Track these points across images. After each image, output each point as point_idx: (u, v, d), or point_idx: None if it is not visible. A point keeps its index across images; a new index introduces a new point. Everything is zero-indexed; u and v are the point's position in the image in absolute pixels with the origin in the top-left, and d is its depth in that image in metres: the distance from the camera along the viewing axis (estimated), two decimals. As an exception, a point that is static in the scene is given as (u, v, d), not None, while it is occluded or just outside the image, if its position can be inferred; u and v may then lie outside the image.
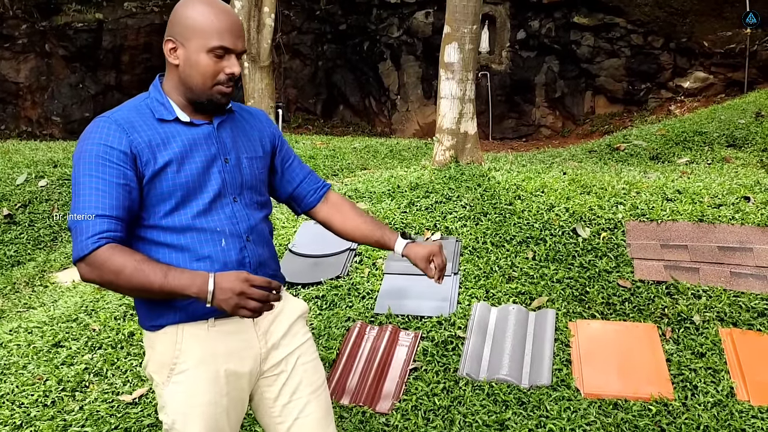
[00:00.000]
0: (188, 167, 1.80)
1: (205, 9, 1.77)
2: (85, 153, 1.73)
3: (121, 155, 1.72)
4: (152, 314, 1.83)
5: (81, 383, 3.21)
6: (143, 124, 1.78)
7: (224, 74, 1.80)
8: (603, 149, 6.26)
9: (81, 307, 3.88)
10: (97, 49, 12.39)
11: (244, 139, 1.96)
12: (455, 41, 5.05)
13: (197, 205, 1.81)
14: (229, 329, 1.86)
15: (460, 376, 3.07)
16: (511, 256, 3.81)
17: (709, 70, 11.77)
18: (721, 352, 3.06)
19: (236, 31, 1.80)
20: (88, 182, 1.70)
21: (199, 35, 1.76)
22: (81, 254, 1.67)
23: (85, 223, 1.68)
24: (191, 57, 1.78)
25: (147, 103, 1.83)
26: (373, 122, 14.23)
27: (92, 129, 1.76)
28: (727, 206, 4.01)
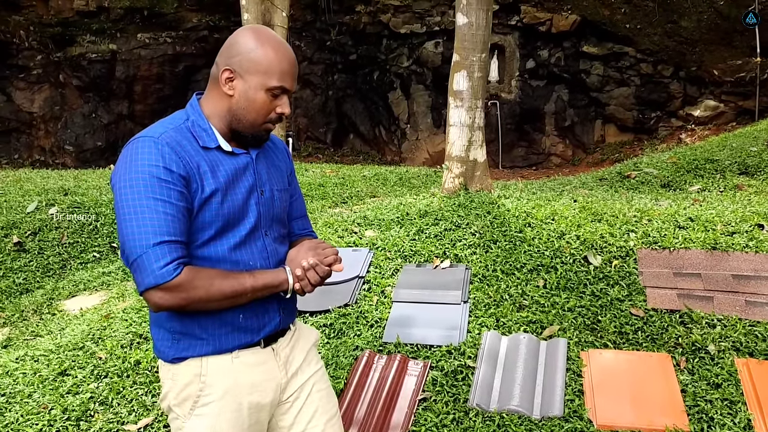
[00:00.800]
0: (232, 198, 1.77)
1: (270, 47, 1.75)
2: (141, 175, 1.63)
3: (180, 179, 1.67)
4: (177, 346, 1.79)
5: (86, 412, 3.17)
6: (190, 148, 1.72)
7: (275, 113, 1.80)
8: (613, 177, 6.23)
9: (88, 335, 3.85)
10: (110, 79, 12.55)
11: (275, 171, 1.95)
12: (464, 69, 5.06)
13: (234, 236, 1.79)
14: (252, 360, 1.85)
15: (470, 406, 3.01)
16: (521, 284, 3.77)
17: (719, 98, 11.75)
18: (737, 382, 2.99)
19: (295, 72, 1.81)
20: (153, 206, 1.62)
21: (262, 73, 1.74)
22: (160, 282, 1.61)
23: (158, 249, 1.61)
24: (249, 92, 1.76)
25: (188, 126, 1.76)
26: (383, 151, 14.27)
27: (141, 149, 1.66)
28: (740, 234, 3.96)
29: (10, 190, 6.55)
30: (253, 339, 1.84)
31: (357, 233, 4.57)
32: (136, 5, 12.52)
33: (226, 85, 1.76)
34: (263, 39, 1.76)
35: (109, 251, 5.54)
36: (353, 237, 4.50)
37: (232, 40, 1.78)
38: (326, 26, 13.73)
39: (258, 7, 9.60)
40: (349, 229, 4.63)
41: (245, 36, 1.77)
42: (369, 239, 4.44)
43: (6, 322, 4.55)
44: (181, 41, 12.94)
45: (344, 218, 4.90)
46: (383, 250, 4.27)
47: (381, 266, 4.13)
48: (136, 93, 12.96)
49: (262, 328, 1.86)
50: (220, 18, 13.11)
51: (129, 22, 12.64)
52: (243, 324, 1.81)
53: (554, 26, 12.34)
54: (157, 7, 12.66)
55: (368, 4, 13.23)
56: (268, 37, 1.77)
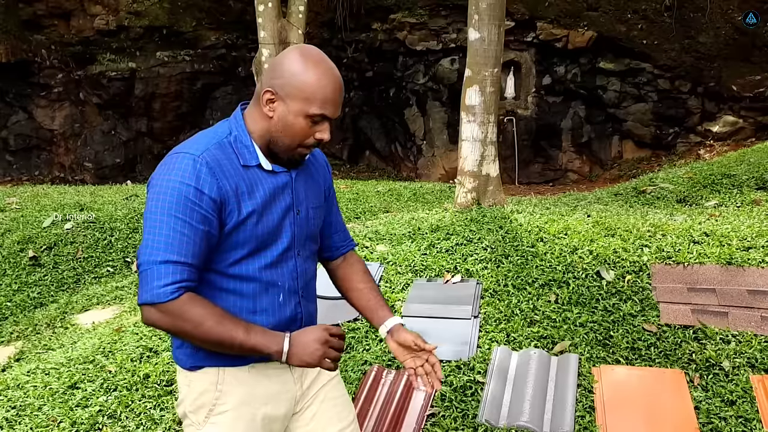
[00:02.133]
0: (267, 218, 1.75)
1: (316, 71, 1.68)
2: (171, 190, 1.63)
3: (210, 202, 1.64)
4: (196, 355, 1.79)
5: (94, 425, 3.17)
6: (230, 167, 1.70)
7: (314, 139, 1.74)
8: (629, 192, 6.18)
9: (98, 348, 3.87)
10: (129, 96, 12.72)
11: (312, 188, 1.92)
12: (476, 84, 5.06)
13: (266, 257, 1.77)
14: (268, 372, 1.84)
15: (479, 422, 2.97)
16: (532, 299, 3.73)
17: (738, 114, 11.65)
18: (752, 399, 2.93)
19: (339, 99, 1.73)
20: (172, 223, 1.61)
21: (304, 99, 1.68)
22: (155, 301, 1.60)
23: (164, 267, 1.60)
24: (288, 117, 1.70)
25: (230, 141, 1.73)
26: (399, 167, 14.29)
27: (179, 165, 1.65)
28: (756, 249, 3.90)
29: (27, 205, 6.63)
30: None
31: (368, 248, 4.56)
32: (155, 24, 12.70)
33: (267, 106, 1.72)
34: (310, 63, 1.69)
35: (123, 266, 5.58)
36: (364, 251, 4.50)
37: (279, 59, 1.73)
38: (343, 44, 13.82)
39: (274, 25, 9.69)
40: (360, 244, 4.62)
41: (292, 57, 1.71)
42: (380, 254, 4.43)
43: (19, 336, 4.58)
44: (200, 59, 13.08)
45: (356, 233, 4.89)
46: (394, 265, 4.26)
47: (392, 281, 4.11)
48: (155, 110, 13.10)
49: None
50: (237, 36, 13.25)
51: (148, 40, 12.82)
52: None
53: (570, 42, 12.33)
54: (175, 26, 12.84)
55: (384, 22, 13.31)
56: (315, 60, 1.70)
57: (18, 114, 12.55)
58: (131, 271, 5.51)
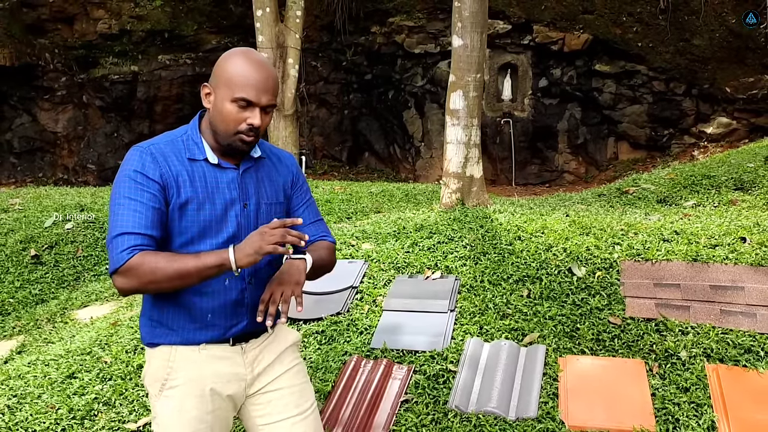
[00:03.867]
0: (209, 207, 1.95)
1: (238, 62, 1.92)
2: (123, 178, 1.89)
3: (154, 184, 1.88)
4: (153, 332, 2.01)
5: (90, 412, 3.37)
6: (174, 159, 1.94)
7: (245, 124, 1.93)
8: (612, 193, 6.35)
9: (96, 341, 4.07)
10: (131, 99, 12.93)
11: (268, 185, 2.10)
12: (460, 89, 5.25)
13: (211, 244, 1.95)
14: (220, 354, 2.03)
15: (450, 408, 3.16)
16: (506, 294, 3.92)
17: (732, 115, 11.78)
18: (705, 387, 3.11)
19: (263, 85, 1.92)
20: (125, 203, 1.86)
21: (227, 85, 1.91)
22: (116, 266, 1.82)
23: (120, 238, 1.83)
24: (218, 104, 1.93)
25: (183, 139, 1.99)
26: (397, 169, 14.47)
27: (130, 157, 1.92)
28: (722, 246, 4.08)
29: (30, 206, 6.85)
30: (221, 336, 2.03)
31: (354, 246, 4.75)
32: (156, 28, 12.92)
33: (206, 99, 1.98)
34: (234, 55, 1.95)
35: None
36: (350, 250, 4.69)
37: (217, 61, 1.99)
38: (342, 47, 14.02)
39: (272, 30, 9.90)
40: (347, 243, 4.81)
41: (224, 56, 1.97)
42: (365, 252, 4.62)
43: (21, 330, 4.79)
44: (201, 62, 13.30)
45: (344, 232, 5.09)
46: (378, 262, 4.45)
47: (375, 277, 4.31)
48: (157, 113, 13.32)
49: (230, 328, 2.04)
50: (238, 40, 13.45)
51: (150, 44, 13.04)
52: (211, 322, 2.00)
53: (566, 45, 12.49)
54: (177, 30, 13.05)
55: (383, 25, 13.50)
56: (240, 52, 1.95)
57: (22, 117, 12.79)
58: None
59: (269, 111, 1.97)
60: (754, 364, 3.20)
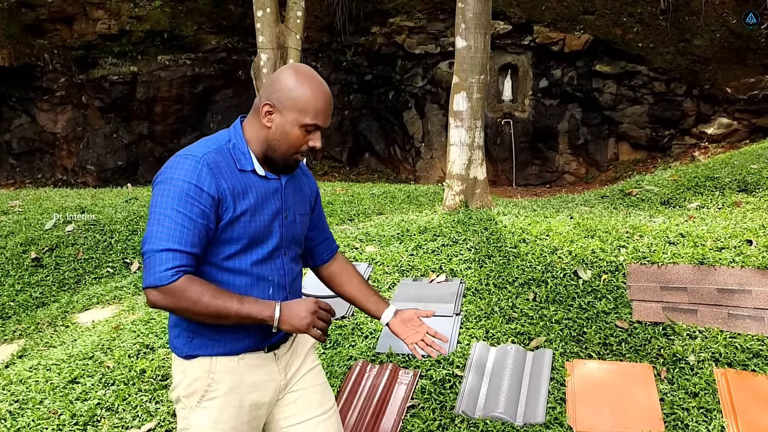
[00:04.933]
0: (259, 218, 1.96)
1: (307, 86, 1.92)
2: (174, 187, 1.84)
3: (209, 198, 1.85)
4: (191, 344, 1.98)
5: (93, 417, 3.34)
6: (227, 170, 1.91)
7: (307, 146, 1.97)
8: (615, 195, 6.33)
9: (98, 345, 4.04)
10: (131, 100, 12.89)
11: (299, 196, 2.13)
12: (464, 91, 5.23)
13: (257, 253, 1.97)
14: (256, 363, 2.04)
15: (456, 413, 3.13)
16: (512, 298, 3.89)
17: (733, 116, 11.76)
18: (714, 392, 3.08)
19: (329, 110, 1.97)
20: (174, 216, 1.82)
21: (298, 110, 1.91)
22: (158, 283, 1.79)
23: (165, 254, 1.80)
24: (285, 127, 1.93)
25: (229, 149, 1.96)
26: (397, 169, 14.44)
27: (181, 166, 1.87)
28: (728, 249, 4.05)
29: (30, 208, 6.81)
30: (259, 345, 2.03)
31: (358, 249, 4.72)
32: (156, 28, 12.88)
33: (266, 117, 1.95)
34: (303, 78, 1.93)
35: (122, 267, 5.75)
36: (354, 252, 4.66)
37: (276, 76, 1.97)
38: (342, 47, 13.99)
39: (272, 30, 9.87)
40: (350, 245, 4.79)
41: (287, 74, 1.95)
42: (369, 254, 4.59)
43: (22, 334, 4.75)
44: (200, 63, 13.26)
45: (347, 234, 5.06)
46: (382, 265, 4.42)
47: (379, 280, 4.28)
48: (156, 114, 13.28)
49: (269, 337, 2.05)
50: (237, 40, 13.42)
51: (149, 44, 13.00)
52: (254, 331, 2.00)
53: (567, 46, 12.47)
54: (176, 30, 13.01)
55: (383, 26, 13.47)
56: (307, 77, 1.94)
57: (21, 117, 12.73)
58: (130, 271, 5.68)
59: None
60: (762, 369, 3.18)
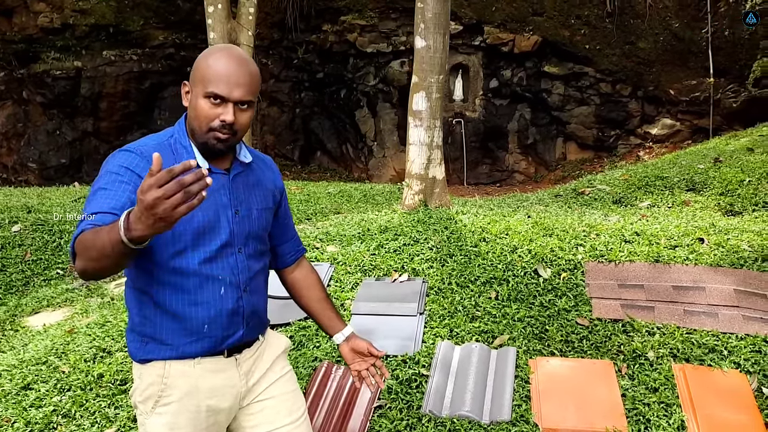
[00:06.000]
0: (200, 213, 1.85)
1: (213, 57, 1.84)
2: (104, 175, 1.77)
3: (138, 178, 1.76)
4: (145, 348, 1.91)
5: (49, 425, 3.23)
6: (166, 164, 1.80)
7: (218, 121, 1.83)
8: (568, 194, 6.45)
9: (51, 350, 3.91)
10: (75, 96, 12.52)
11: (258, 190, 2.03)
12: (423, 90, 5.24)
13: (204, 251, 1.87)
14: (214, 367, 1.96)
15: (423, 413, 3.14)
16: (474, 296, 3.93)
17: (675, 117, 12.11)
18: (673, 387, 3.17)
19: (234, 79, 1.81)
20: (98, 193, 1.74)
21: (201, 80, 1.83)
22: (70, 249, 1.68)
23: (80, 224, 1.69)
24: (193, 101, 1.85)
25: (170, 143, 1.88)
26: (350, 168, 14.42)
27: (113, 157, 1.82)
28: (682, 247, 4.17)
29: (-27, 208, 6.55)
30: (215, 348, 1.95)
31: (319, 248, 4.69)
32: (101, 22, 12.52)
33: (185, 98, 1.90)
34: (210, 51, 1.87)
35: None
36: (315, 252, 4.63)
37: None
38: (293, 45, 13.88)
39: (224, 26, 9.73)
40: (311, 245, 4.75)
41: (202, 53, 1.89)
42: (330, 254, 4.57)
43: (-32, 339, 4.57)
44: (147, 59, 12.97)
45: (307, 234, 5.02)
46: (344, 265, 4.40)
47: (341, 280, 4.26)
48: (102, 110, 12.93)
49: (226, 339, 1.96)
50: (186, 36, 13.18)
51: (94, 39, 12.64)
52: (207, 333, 1.92)
53: (516, 47, 12.65)
54: (122, 25, 12.68)
55: (335, 24, 13.41)
56: (216, 49, 1.86)
57: (-42, 113, 12.27)
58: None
59: (245, 108, 1.87)
60: (718, 364, 3.28)
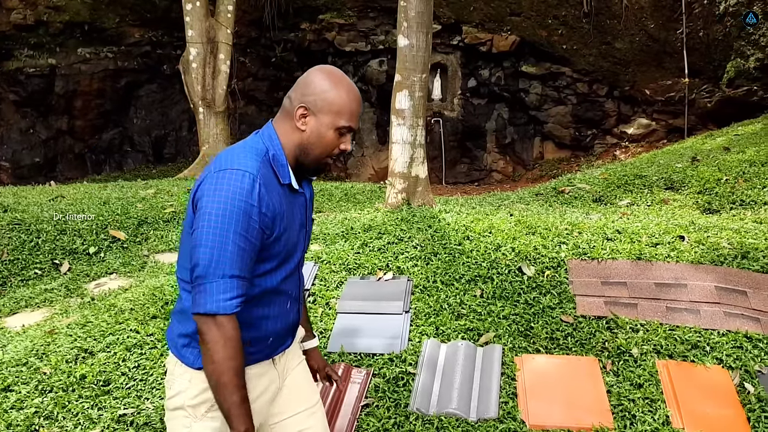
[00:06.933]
0: (292, 234, 1.91)
1: (343, 89, 1.87)
2: (237, 208, 1.73)
3: (266, 219, 1.78)
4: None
5: (30, 427, 3.18)
6: (273, 186, 1.83)
7: (339, 149, 1.91)
8: (549, 192, 6.50)
9: (31, 351, 3.84)
10: (49, 94, 12.34)
11: (311, 204, 2.10)
12: (406, 89, 5.25)
13: (286, 269, 1.94)
14: (258, 372, 2.00)
15: (411, 411, 3.14)
16: (460, 294, 3.94)
17: (651, 117, 12.24)
18: (657, 382, 3.21)
19: (360, 112, 1.93)
20: (235, 239, 1.73)
21: (334, 113, 1.86)
22: (219, 312, 1.71)
23: (229, 281, 1.72)
24: (320, 129, 1.87)
25: (269, 160, 1.86)
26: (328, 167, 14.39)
27: (239, 184, 1.76)
28: (663, 245, 4.23)
29: (-53, 207, 6.41)
30: (267, 357, 2.01)
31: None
32: (76, 20, 12.35)
33: (300, 120, 1.88)
34: (336, 80, 1.88)
35: (51, 268, 5.49)
36: (298, 251, 4.60)
37: (308, 78, 1.90)
38: (271, 43, 13.80)
39: (202, 24, 9.65)
40: (294, 244, 4.72)
41: (319, 76, 1.89)
42: (314, 253, 4.55)
43: (-56, 341, 4.47)
44: (123, 56, 12.82)
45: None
46: (328, 264, 4.39)
47: (326, 279, 4.25)
48: (76, 108, 12.76)
49: (278, 348, 2.03)
50: (162, 34, 13.05)
51: (69, 36, 12.47)
52: (270, 344, 1.98)
53: (494, 46, 12.70)
54: (98, 22, 12.52)
55: (313, 22, 13.37)
56: (340, 78, 1.90)
57: (-71, 111, 12.02)
58: (60, 273, 5.43)
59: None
60: (701, 359, 3.33)
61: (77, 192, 7.59)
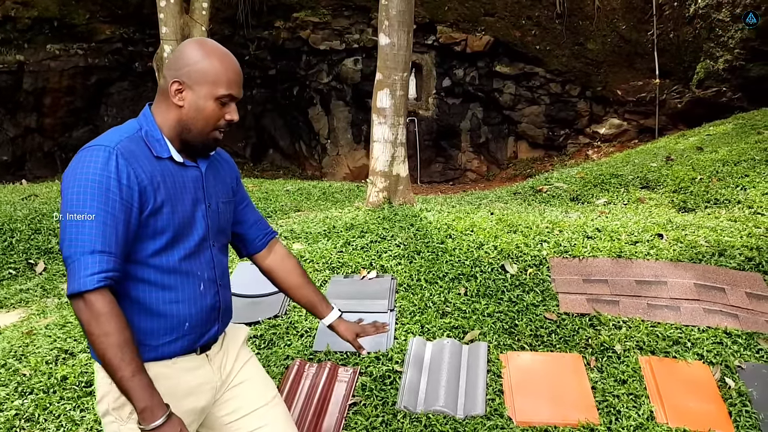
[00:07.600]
0: (180, 209, 1.83)
1: (216, 57, 1.82)
2: (89, 182, 1.68)
3: (128, 190, 1.71)
4: None
5: (11, 429, 3.12)
6: (143, 158, 1.77)
7: (224, 120, 1.86)
8: (527, 191, 6.55)
9: (9, 352, 3.77)
10: (17, 91, 12.09)
11: (220, 184, 2.01)
12: (387, 87, 5.25)
13: (184, 248, 1.85)
14: (188, 366, 1.92)
15: (398, 409, 3.15)
16: (444, 292, 3.96)
17: (623, 117, 12.42)
18: (641, 378, 3.26)
19: (240, 79, 1.87)
20: (95, 214, 1.67)
21: (211, 83, 1.80)
22: (81, 288, 1.63)
23: (90, 257, 1.65)
24: (198, 102, 1.82)
25: (142, 136, 1.81)
26: (303, 166, 14.34)
27: (93, 158, 1.71)
28: (642, 243, 4.29)
29: None
30: (192, 346, 1.92)
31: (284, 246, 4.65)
32: (45, 15, 12.11)
33: (176, 96, 1.83)
34: (208, 50, 1.83)
35: (26, 268, 5.39)
36: (280, 250, 4.58)
37: (179, 53, 1.84)
38: (245, 41, 13.70)
39: (177, 21, 9.55)
40: (275, 243, 4.70)
41: (191, 48, 1.84)
42: (297, 252, 4.54)
43: None
44: (94, 53, 12.62)
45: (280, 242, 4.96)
46: (311, 263, 4.38)
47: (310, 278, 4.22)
48: (46, 106, 12.53)
49: (202, 336, 1.94)
50: (134, 31, 12.87)
51: (38, 32, 12.23)
52: (187, 331, 1.88)
53: (469, 46, 12.77)
54: (67, 18, 12.30)
55: (287, 20, 13.30)
56: (213, 47, 1.84)
57: None
58: (35, 273, 5.34)
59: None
60: (682, 355, 3.38)
61: (50, 191, 7.47)
